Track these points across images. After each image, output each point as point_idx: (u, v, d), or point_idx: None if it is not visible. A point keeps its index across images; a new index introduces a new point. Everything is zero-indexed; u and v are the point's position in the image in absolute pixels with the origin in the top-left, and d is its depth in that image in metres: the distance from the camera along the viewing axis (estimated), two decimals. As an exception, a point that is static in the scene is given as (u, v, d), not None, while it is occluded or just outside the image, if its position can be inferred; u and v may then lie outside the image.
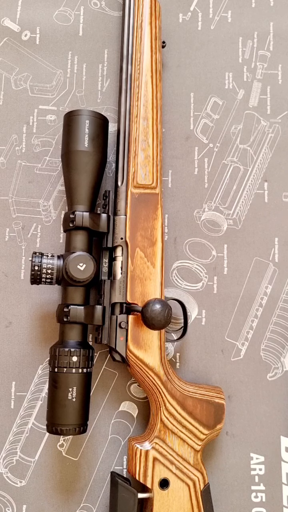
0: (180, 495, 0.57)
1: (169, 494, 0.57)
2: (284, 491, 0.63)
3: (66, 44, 0.70)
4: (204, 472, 0.58)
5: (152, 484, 0.56)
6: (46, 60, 0.69)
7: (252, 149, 0.69)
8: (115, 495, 0.57)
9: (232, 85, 0.70)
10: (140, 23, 0.63)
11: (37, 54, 0.69)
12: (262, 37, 0.72)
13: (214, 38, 0.71)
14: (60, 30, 0.70)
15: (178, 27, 0.71)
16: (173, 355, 0.65)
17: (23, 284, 0.64)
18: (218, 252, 0.66)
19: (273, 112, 0.70)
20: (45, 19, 0.70)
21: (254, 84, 0.70)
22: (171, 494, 0.57)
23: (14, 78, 0.69)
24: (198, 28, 0.71)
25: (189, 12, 0.71)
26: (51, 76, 0.69)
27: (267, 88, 0.70)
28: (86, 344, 0.58)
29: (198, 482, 0.57)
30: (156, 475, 0.57)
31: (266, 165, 0.69)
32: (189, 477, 0.57)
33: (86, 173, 0.58)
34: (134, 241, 0.59)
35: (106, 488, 0.62)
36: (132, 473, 0.57)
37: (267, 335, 0.65)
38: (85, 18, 0.70)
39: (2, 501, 0.61)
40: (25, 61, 0.69)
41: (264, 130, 0.69)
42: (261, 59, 0.71)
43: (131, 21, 0.64)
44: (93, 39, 0.70)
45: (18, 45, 0.69)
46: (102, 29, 0.70)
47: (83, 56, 0.69)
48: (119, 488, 0.57)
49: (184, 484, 0.57)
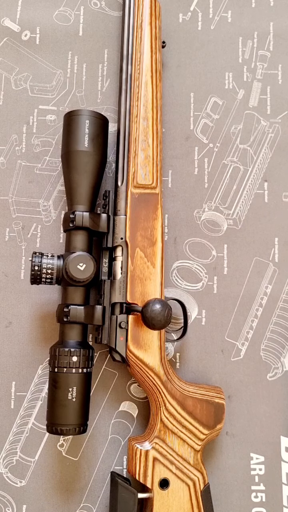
0: (180, 495, 0.57)
1: (169, 494, 0.57)
2: (284, 491, 0.63)
3: (66, 44, 0.70)
4: (204, 472, 0.58)
5: (152, 484, 0.56)
6: (46, 60, 0.69)
7: (252, 149, 0.69)
8: (115, 495, 0.57)
9: (232, 85, 0.70)
10: (140, 23, 0.63)
11: (37, 54, 0.69)
12: (262, 37, 0.72)
13: (214, 38, 0.71)
14: (60, 30, 0.70)
15: (178, 27, 0.71)
16: (173, 355, 0.65)
17: (23, 284, 0.64)
18: (218, 252, 0.66)
19: (273, 112, 0.70)
20: (45, 19, 0.70)
21: (254, 84, 0.70)
22: (171, 494, 0.57)
23: (14, 78, 0.69)
24: (198, 28, 0.71)
25: (189, 12, 0.71)
26: (51, 76, 0.69)
27: (267, 88, 0.70)
28: (86, 344, 0.58)
29: (198, 482, 0.57)
30: (156, 475, 0.57)
31: (266, 165, 0.69)
32: (189, 477, 0.57)
33: (86, 173, 0.58)
34: (134, 241, 0.59)
35: (106, 488, 0.62)
36: (132, 473, 0.57)
37: (267, 335, 0.65)
38: (85, 18, 0.70)
39: (2, 501, 0.61)
40: (25, 61, 0.69)
41: (264, 130, 0.69)
42: (261, 59, 0.71)
43: (131, 21, 0.64)
44: (93, 39, 0.70)
45: (18, 45, 0.69)
46: (102, 29, 0.70)
47: (83, 56, 0.69)
48: (119, 488, 0.57)
49: (184, 484, 0.57)
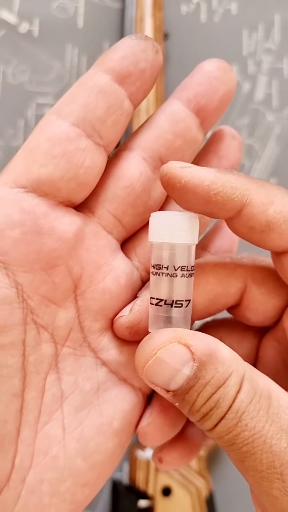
0: (183, 503, 0.55)
1: (172, 502, 0.55)
2: (291, 499, 0.62)
3: (66, 37, 0.68)
4: (209, 479, 0.56)
5: (154, 492, 0.55)
6: (45, 53, 0.68)
7: (257, 144, 0.67)
8: (116, 503, 0.55)
9: (237, 78, 0.68)
10: (142, 15, 0.62)
11: (35, 47, 0.68)
12: (267, 30, 0.70)
13: (218, 31, 0.69)
14: (60, 23, 0.68)
15: (181, 19, 0.69)
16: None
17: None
18: (222, 251, 0.65)
19: (279, 106, 0.68)
20: (44, 12, 0.68)
21: (259, 78, 0.69)
22: (174, 502, 0.55)
23: (12, 71, 0.67)
24: (202, 20, 0.70)
25: (193, 5, 0.70)
26: (50, 70, 0.67)
27: (272, 82, 0.69)
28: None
29: (202, 489, 0.56)
30: (158, 483, 0.55)
31: (272, 161, 0.67)
32: (193, 484, 0.56)
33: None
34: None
35: (106, 495, 0.61)
36: (134, 480, 0.55)
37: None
38: (85, 10, 0.69)
39: None
40: (23, 54, 0.67)
41: (269, 125, 0.68)
42: (266, 53, 0.69)
43: (132, 13, 0.63)
44: (93, 32, 0.68)
45: (16, 38, 0.68)
46: (103, 22, 0.69)
47: (83, 49, 0.68)
48: (119, 495, 0.55)
49: (187, 491, 0.55)
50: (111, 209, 0.31)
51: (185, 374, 0.25)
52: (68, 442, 0.29)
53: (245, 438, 0.24)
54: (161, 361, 0.25)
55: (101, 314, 0.30)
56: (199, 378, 0.25)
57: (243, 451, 0.25)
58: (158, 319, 0.28)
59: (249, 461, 0.25)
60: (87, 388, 0.30)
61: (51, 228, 0.28)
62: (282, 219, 0.26)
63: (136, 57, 0.30)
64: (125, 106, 0.30)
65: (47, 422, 0.29)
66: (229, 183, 0.26)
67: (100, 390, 0.30)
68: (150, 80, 0.32)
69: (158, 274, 0.28)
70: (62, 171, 0.28)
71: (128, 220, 0.31)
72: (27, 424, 0.28)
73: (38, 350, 0.28)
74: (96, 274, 0.30)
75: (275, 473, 0.24)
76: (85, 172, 0.29)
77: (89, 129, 0.29)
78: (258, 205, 0.26)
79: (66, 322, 0.29)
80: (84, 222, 0.30)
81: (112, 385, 0.31)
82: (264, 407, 0.24)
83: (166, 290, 0.28)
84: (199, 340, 0.26)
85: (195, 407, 0.25)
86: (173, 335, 0.26)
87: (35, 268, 0.28)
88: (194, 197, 0.27)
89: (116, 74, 0.30)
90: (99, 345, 0.31)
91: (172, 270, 0.28)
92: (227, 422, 0.25)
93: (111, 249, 0.31)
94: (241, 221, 0.27)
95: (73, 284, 0.29)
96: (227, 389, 0.25)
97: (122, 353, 0.31)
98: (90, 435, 0.29)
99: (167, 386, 0.26)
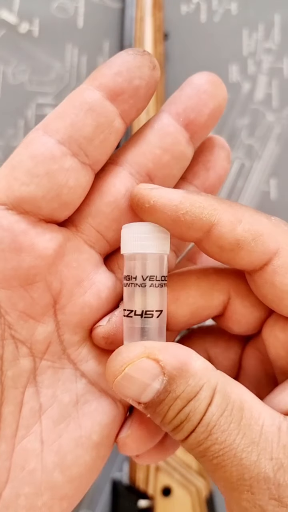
0: (183, 503, 0.55)
1: (172, 502, 0.55)
2: (291, 498, 0.61)
3: (66, 37, 0.68)
4: (209, 479, 0.56)
5: (154, 492, 0.55)
6: (45, 53, 0.68)
7: (257, 144, 0.67)
8: (116, 503, 0.55)
9: (237, 78, 0.68)
10: (142, 15, 0.62)
11: (35, 47, 0.68)
12: (267, 30, 0.70)
13: (218, 30, 0.69)
14: (60, 23, 0.68)
15: (181, 19, 0.69)
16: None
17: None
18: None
19: (279, 106, 0.68)
20: (44, 12, 0.68)
21: (259, 78, 0.69)
22: (174, 501, 0.55)
23: (12, 71, 0.67)
24: (202, 20, 0.70)
25: (193, 5, 0.70)
26: (50, 70, 0.67)
27: (272, 82, 0.69)
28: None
29: (202, 489, 0.56)
30: (158, 483, 0.55)
31: (272, 161, 0.67)
32: (193, 484, 0.56)
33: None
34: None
35: (105, 495, 0.61)
36: (133, 480, 0.55)
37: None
38: (85, 10, 0.69)
39: None
40: (23, 54, 0.67)
41: (269, 125, 0.68)
42: (266, 53, 0.69)
43: (132, 13, 0.63)
44: (93, 32, 0.68)
45: (16, 38, 0.68)
46: (103, 22, 0.69)
47: (83, 49, 0.68)
48: (119, 495, 0.55)
49: (187, 491, 0.55)
50: (94, 224, 0.30)
51: (155, 388, 0.25)
52: (46, 456, 0.28)
53: (216, 451, 0.24)
54: (130, 377, 0.25)
55: (80, 327, 0.30)
56: (170, 392, 0.25)
57: (214, 463, 0.25)
58: (130, 330, 0.28)
59: (219, 472, 0.25)
60: (66, 400, 0.29)
61: (30, 245, 0.27)
62: (251, 237, 0.26)
63: (130, 74, 0.29)
64: (115, 124, 0.29)
65: (25, 436, 0.28)
66: (197, 203, 0.27)
67: (79, 403, 0.30)
68: (144, 98, 0.30)
69: (129, 285, 0.28)
70: (44, 190, 0.27)
71: (112, 235, 0.31)
72: (4, 438, 0.28)
73: (16, 365, 0.28)
74: (76, 289, 0.29)
75: (245, 485, 0.24)
76: (68, 192, 0.28)
77: (75, 148, 0.28)
78: (226, 224, 0.26)
79: (45, 336, 0.29)
80: (65, 237, 0.29)
81: (91, 398, 0.30)
82: (236, 419, 0.24)
83: (135, 300, 0.28)
84: (169, 354, 0.25)
85: (166, 419, 0.25)
86: (142, 350, 0.26)
87: (13, 284, 0.27)
88: (162, 217, 0.27)
89: (109, 91, 0.28)
90: (78, 356, 0.30)
91: (140, 280, 0.27)
92: (198, 436, 0.25)
93: (93, 263, 0.30)
94: (210, 241, 0.27)
95: (53, 299, 0.29)
96: (197, 403, 0.25)
97: (101, 364, 0.31)
98: (68, 448, 0.29)
99: (138, 399, 0.26)
